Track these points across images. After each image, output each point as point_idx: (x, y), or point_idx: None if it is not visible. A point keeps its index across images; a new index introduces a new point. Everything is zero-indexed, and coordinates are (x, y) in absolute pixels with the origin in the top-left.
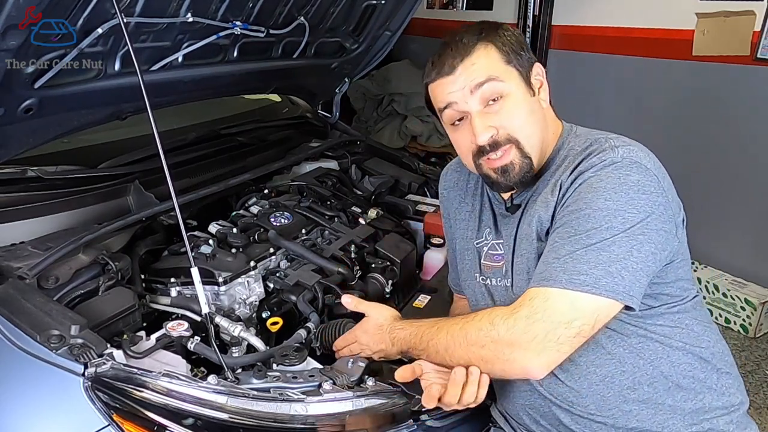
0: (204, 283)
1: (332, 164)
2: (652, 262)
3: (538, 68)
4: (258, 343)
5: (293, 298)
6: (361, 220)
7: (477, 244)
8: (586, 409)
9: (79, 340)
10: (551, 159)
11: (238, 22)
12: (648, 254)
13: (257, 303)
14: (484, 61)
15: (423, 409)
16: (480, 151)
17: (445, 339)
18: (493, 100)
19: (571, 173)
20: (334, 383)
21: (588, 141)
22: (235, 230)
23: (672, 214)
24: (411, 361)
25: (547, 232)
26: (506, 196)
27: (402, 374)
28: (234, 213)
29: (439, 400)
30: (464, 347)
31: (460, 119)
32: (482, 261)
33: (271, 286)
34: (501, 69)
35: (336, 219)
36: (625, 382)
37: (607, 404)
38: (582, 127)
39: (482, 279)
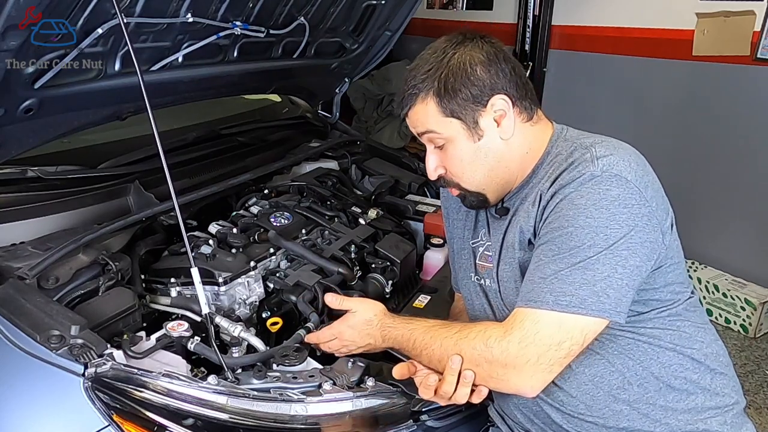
0: (204, 283)
1: (332, 164)
2: (638, 275)
3: (497, 101)
4: (258, 343)
5: (293, 298)
6: (361, 221)
7: (473, 243)
8: (576, 408)
9: (79, 341)
10: (539, 165)
11: (238, 23)
12: (633, 268)
13: (257, 303)
14: (422, 114)
15: (422, 408)
16: None
17: (439, 351)
18: (439, 147)
19: (551, 185)
20: (334, 383)
21: (573, 146)
22: (235, 230)
23: (657, 222)
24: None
25: (529, 242)
26: None
27: (400, 371)
28: (234, 213)
29: (435, 392)
30: (465, 362)
31: None
32: (477, 261)
33: (271, 286)
34: (438, 122)
35: (336, 219)
36: (614, 382)
37: (597, 404)
38: (573, 129)
39: (477, 279)
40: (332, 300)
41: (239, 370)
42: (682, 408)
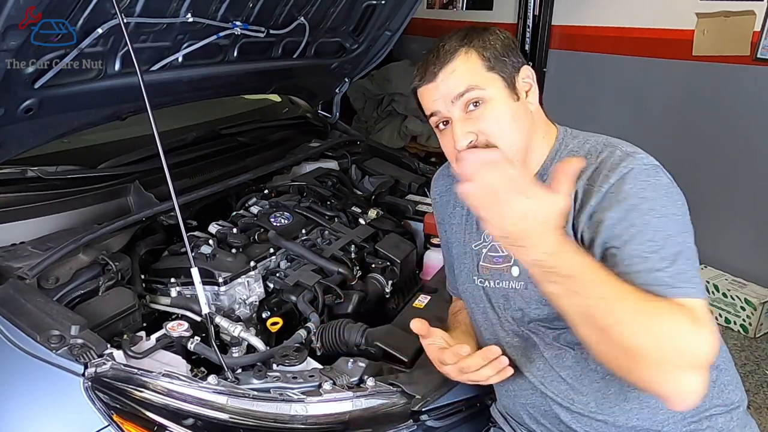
0: (204, 283)
1: (332, 164)
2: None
3: (526, 71)
4: (258, 343)
5: (293, 298)
6: (361, 221)
7: (475, 246)
8: (586, 406)
9: (79, 340)
10: (549, 161)
11: (238, 22)
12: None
13: (257, 303)
14: (464, 69)
15: (422, 408)
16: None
17: (632, 314)
18: (475, 104)
19: (587, 183)
20: (334, 383)
21: (589, 144)
22: (235, 230)
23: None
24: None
25: None
26: None
27: (419, 325)
28: (234, 213)
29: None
30: (649, 337)
31: (446, 122)
32: (480, 263)
33: (271, 286)
34: (481, 76)
35: (336, 219)
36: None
37: (608, 402)
38: (575, 129)
39: (480, 281)
40: None
41: (239, 370)
42: None
